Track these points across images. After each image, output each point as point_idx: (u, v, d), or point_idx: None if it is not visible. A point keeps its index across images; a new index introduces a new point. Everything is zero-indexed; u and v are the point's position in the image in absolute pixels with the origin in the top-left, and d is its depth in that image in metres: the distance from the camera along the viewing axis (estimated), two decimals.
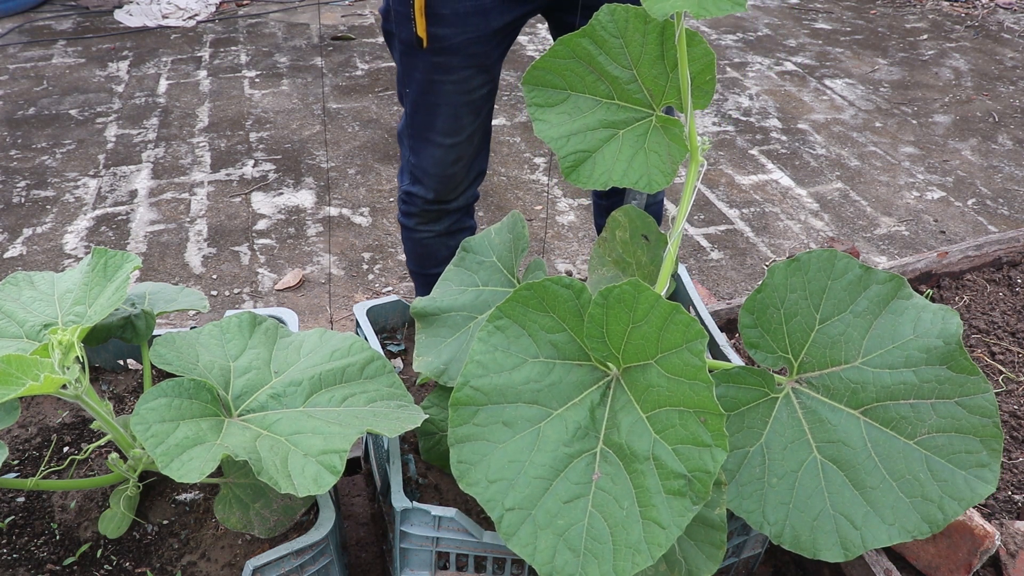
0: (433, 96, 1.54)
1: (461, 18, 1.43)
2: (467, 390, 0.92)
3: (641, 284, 0.88)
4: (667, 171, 1.05)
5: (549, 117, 1.08)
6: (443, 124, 1.57)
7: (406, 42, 1.48)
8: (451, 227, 1.78)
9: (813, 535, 0.94)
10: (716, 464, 0.83)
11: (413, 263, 1.88)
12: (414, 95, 1.56)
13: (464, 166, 1.66)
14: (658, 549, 0.82)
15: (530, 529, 0.87)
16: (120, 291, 1.07)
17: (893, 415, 0.95)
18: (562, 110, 1.08)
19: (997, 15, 5.28)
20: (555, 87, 1.08)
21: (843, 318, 0.98)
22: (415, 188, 1.70)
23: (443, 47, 1.46)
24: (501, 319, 0.94)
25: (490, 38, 1.48)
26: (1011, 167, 3.45)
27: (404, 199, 1.74)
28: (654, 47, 1.03)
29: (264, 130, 3.63)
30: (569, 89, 1.08)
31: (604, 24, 1.04)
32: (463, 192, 1.72)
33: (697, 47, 1.03)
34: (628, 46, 1.04)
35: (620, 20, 1.03)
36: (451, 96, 1.53)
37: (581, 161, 1.07)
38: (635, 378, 0.90)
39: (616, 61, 1.05)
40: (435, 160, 1.63)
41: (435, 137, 1.59)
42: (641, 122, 1.08)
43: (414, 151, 1.64)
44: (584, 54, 1.06)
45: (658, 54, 1.04)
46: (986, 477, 0.90)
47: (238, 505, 1.05)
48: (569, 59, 1.06)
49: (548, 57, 1.06)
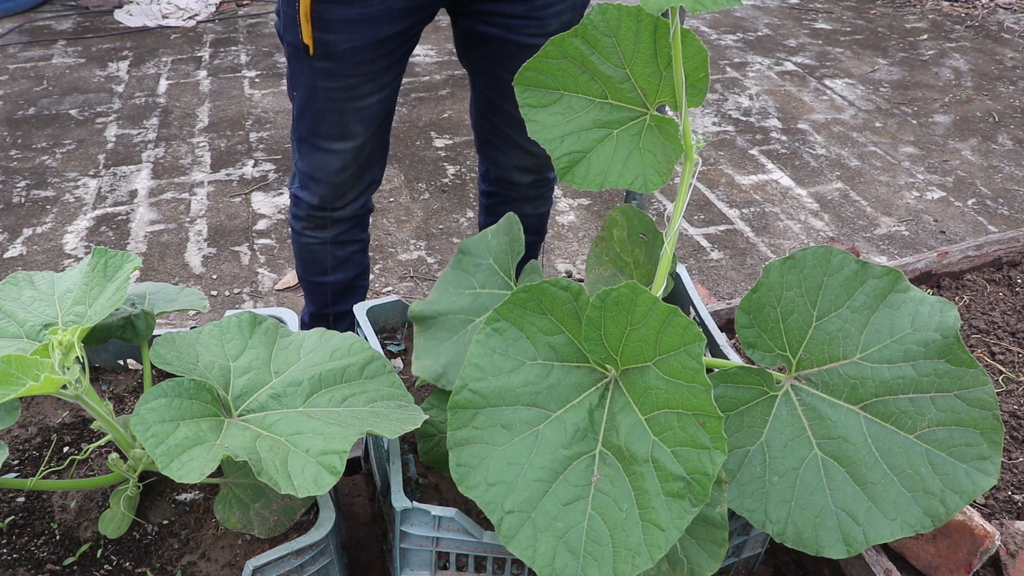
0: (318, 102, 1.50)
1: (347, 25, 1.39)
2: (466, 393, 0.92)
3: (639, 287, 0.88)
4: (663, 170, 1.05)
5: (542, 118, 1.07)
6: (329, 130, 1.53)
7: (292, 45, 1.45)
8: (339, 236, 1.73)
9: (816, 532, 0.94)
10: (715, 466, 0.83)
11: (299, 268, 1.84)
12: (300, 99, 1.53)
13: (352, 175, 1.61)
14: (658, 551, 0.82)
15: (530, 532, 0.87)
16: (120, 291, 1.07)
17: (893, 410, 0.94)
18: (555, 110, 1.07)
19: (997, 15, 5.28)
20: (547, 87, 1.07)
21: (840, 314, 0.98)
22: (302, 193, 1.66)
23: (328, 53, 1.42)
24: (499, 322, 0.94)
25: (376, 46, 1.43)
26: (1011, 167, 3.45)
27: (293, 202, 1.71)
28: (647, 45, 1.03)
29: (264, 130, 3.63)
30: (562, 89, 1.07)
31: (596, 23, 1.03)
32: (351, 202, 1.67)
33: (690, 45, 1.02)
34: (620, 45, 1.04)
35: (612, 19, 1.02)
36: (336, 103, 1.50)
37: (576, 162, 1.07)
38: (633, 380, 0.90)
39: (609, 60, 1.05)
40: (320, 166, 1.59)
41: (320, 142, 1.55)
42: (635, 121, 1.07)
43: (301, 155, 1.61)
44: (576, 54, 1.05)
45: (651, 52, 1.03)
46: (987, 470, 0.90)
47: (238, 505, 1.05)
48: (561, 59, 1.05)
49: (540, 57, 1.05)
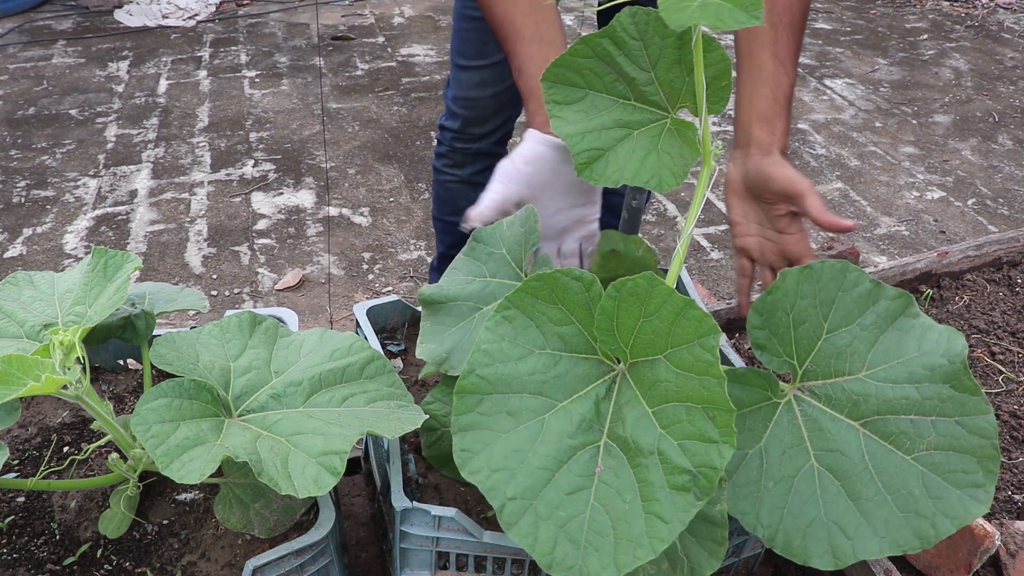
0: (462, 21, 1.68)
1: None
2: (472, 378, 0.92)
3: (655, 278, 0.88)
4: (678, 173, 1.06)
5: (566, 114, 1.09)
6: (468, 48, 1.70)
7: None
8: (473, 176, 1.88)
9: (805, 541, 0.94)
10: (723, 460, 0.83)
11: (435, 208, 2.02)
12: (454, 24, 1.71)
13: (491, 97, 1.75)
14: (660, 543, 0.82)
15: (531, 520, 0.87)
16: (121, 291, 1.07)
17: (893, 429, 0.95)
18: (579, 108, 1.09)
19: (997, 15, 5.28)
20: (574, 85, 1.09)
21: (851, 330, 0.98)
22: (447, 122, 1.83)
23: None
24: (509, 309, 0.94)
25: None
26: (1011, 167, 3.45)
27: (438, 138, 1.89)
28: (672, 51, 1.04)
29: (264, 130, 3.63)
30: (588, 88, 1.09)
31: (625, 26, 1.05)
32: (488, 133, 1.82)
33: (714, 52, 1.03)
34: (647, 48, 1.05)
35: (641, 23, 1.04)
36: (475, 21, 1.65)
37: (595, 159, 1.08)
38: (642, 373, 0.90)
39: (635, 63, 1.06)
40: (462, 83, 1.75)
41: (461, 60, 1.72)
42: (656, 124, 1.08)
43: (450, 83, 1.78)
44: (604, 54, 1.06)
45: (676, 58, 1.04)
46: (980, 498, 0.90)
47: (238, 505, 1.05)
48: (589, 58, 1.07)
49: (569, 55, 1.07)
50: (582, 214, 1.24)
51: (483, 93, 1.75)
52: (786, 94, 1.22)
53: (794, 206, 1.18)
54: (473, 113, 1.79)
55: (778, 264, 1.24)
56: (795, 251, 1.22)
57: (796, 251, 1.22)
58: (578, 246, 1.25)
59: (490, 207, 1.15)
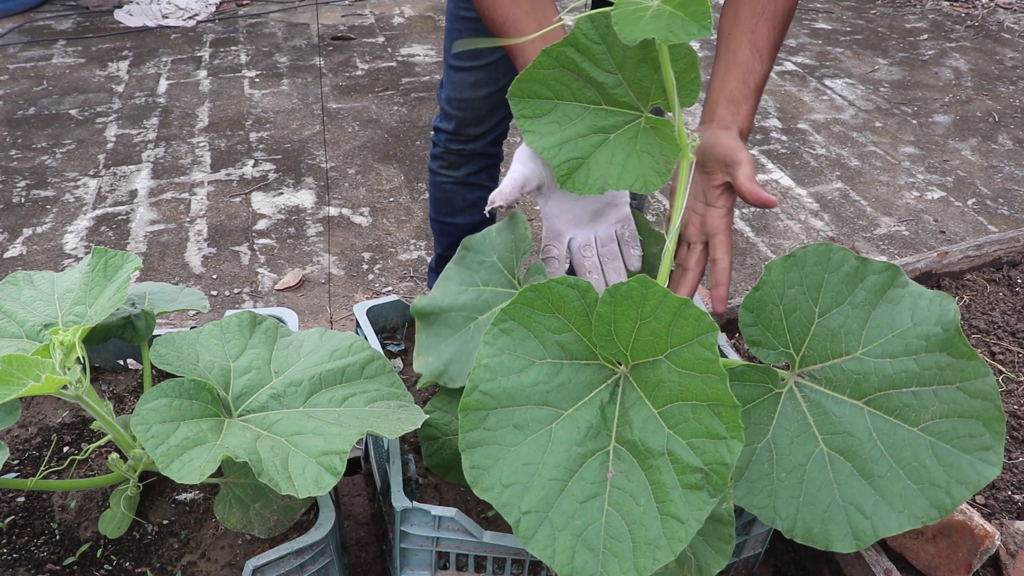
0: (454, 22, 1.69)
1: None
2: (476, 395, 0.92)
3: (648, 280, 0.88)
4: (662, 171, 1.05)
5: (538, 128, 1.08)
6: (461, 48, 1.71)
7: None
8: (468, 178, 1.90)
9: (824, 527, 0.94)
10: (733, 456, 0.83)
11: (432, 209, 2.02)
12: (447, 25, 1.72)
13: (485, 97, 1.75)
14: (678, 544, 0.82)
15: (548, 531, 0.86)
16: (121, 291, 1.07)
17: (896, 403, 0.95)
18: (551, 119, 1.08)
19: (997, 15, 5.28)
20: (542, 97, 1.08)
21: (842, 310, 0.99)
22: (441, 123, 1.84)
23: None
24: (506, 322, 0.94)
25: None
26: (1011, 167, 3.45)
27: (433, 140, 1.89)
28: (637, 50, 1.04)
29: (264, 130, 3.63)
30: (556, 98, 1.08)
31: (586, 32, 1.04)
32: (483, 134, 1.81)
33: (679, 46, 1.03)
34: (611, 51, 1.05)
35: (601, 26, 1.04)
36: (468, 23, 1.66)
37: (575, 168, 1.08)
38: (644, 374, 0.90)
39: (600, 67, 1.06)
40: (455, 84, 1.75)
41: (454, 61, 1.72)
42: (631, 124, 1.08)
43: (443, 84, 1.79)
44: (568, 62, 1.06)
45: (641, 57, 1.04)
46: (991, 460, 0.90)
47: (238, 505, 1.05)
48: (554, 68, 1.06)
49: (532, 69, 1.07)
50: (612, 195, 1.20)
51: (477, 94, 1.75)
52: (757, 82, 1.22)
53: (728, 176, 1.16)
54: (467, 114, 1.78)
55: (695, 239, 1.20)
56: (714, 225, 1.18)
57: (715, 225, 1.18)
58: (614, 231, 1.21)
59: (511, 186, 1.13)
